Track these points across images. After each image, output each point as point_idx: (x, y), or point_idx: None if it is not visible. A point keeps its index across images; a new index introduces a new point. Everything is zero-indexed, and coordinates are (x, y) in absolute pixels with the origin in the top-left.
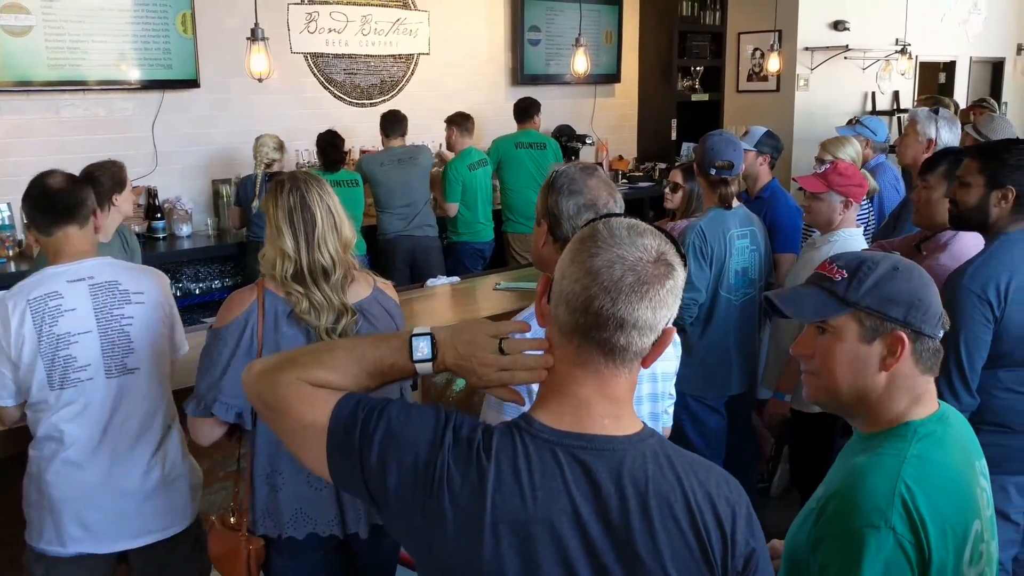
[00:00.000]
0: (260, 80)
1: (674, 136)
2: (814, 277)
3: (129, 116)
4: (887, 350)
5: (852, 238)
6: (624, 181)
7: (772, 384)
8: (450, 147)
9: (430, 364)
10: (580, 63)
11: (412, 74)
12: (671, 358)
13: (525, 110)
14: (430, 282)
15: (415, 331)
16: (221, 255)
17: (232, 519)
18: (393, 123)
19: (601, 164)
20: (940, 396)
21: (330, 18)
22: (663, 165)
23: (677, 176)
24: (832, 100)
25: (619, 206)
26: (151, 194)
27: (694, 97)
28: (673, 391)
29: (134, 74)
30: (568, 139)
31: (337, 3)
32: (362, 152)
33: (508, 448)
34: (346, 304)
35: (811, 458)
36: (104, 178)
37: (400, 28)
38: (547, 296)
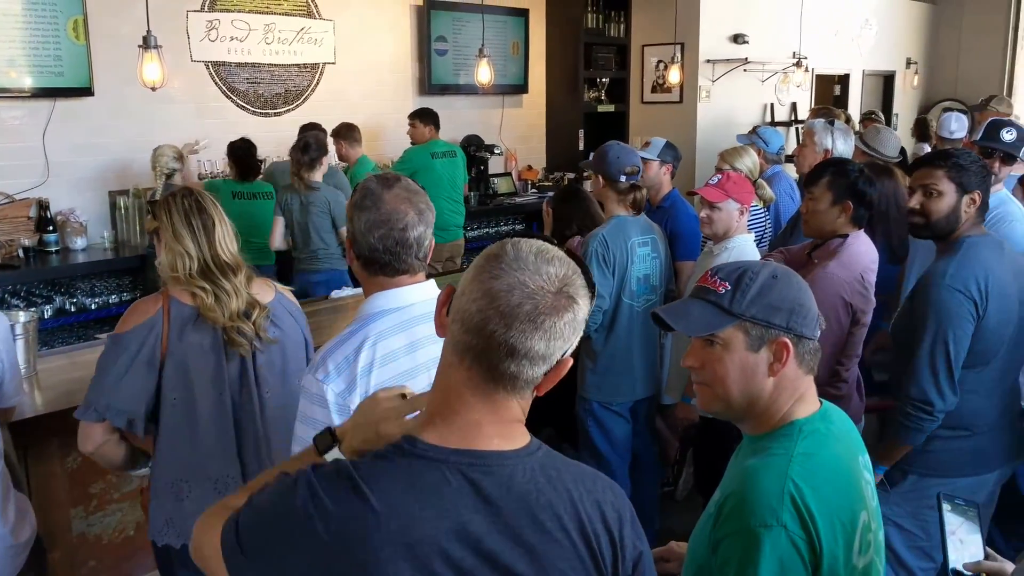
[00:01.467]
0: (154, 89)
1: (582, 146)
2: (698, 290)
3: (18, 125)
4: (773, 356)
5: (747, 244)
6: (534, 191)
7: (676, 389)
8: (343, 159)
9: (337, 450)
10: (484, 73)
11: (317, 84)
12: None
13: (435, 118)
14: (335, 293)
15: (316, 434)
16: (118, 269)
17: None
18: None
19: (511, 174)
20: (925, 396)
21: (232, 26)
22: (572, 175)
23: (548, 206)
24: (733, 111)
25: (425, 216)
26: (42, 206)
27: (600, 108)
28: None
29: (23, 81)
30: (476, 149)
31: (239, 11)
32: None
33: (391, 471)
34: (255, 299)
35: (715, 461)
36: None
37: (305, 37)
38: (447, 308)
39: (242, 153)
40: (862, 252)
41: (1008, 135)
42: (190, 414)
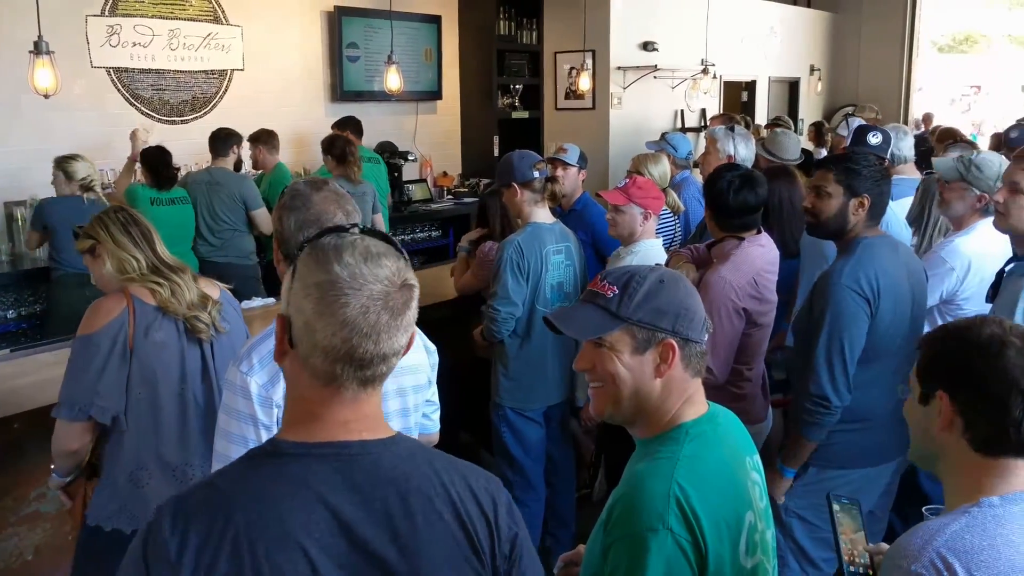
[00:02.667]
0: (47, 96)
1: (496, 152)
2: (587, 294)
3: None
4: (660, 358)
5: (653, 249)
6: (450, 197)
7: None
8: (258, 166)
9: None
10: (393, 80)
11: (226, 90)
12: (422, 370)
13: (357, 126)
14: (244, 304)
15: None
16: (15, 283)
17: None
18: (215, 142)
19: (426, 180)
20: (823, 391)
21: (134, 31)
22: (487, 180)
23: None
24: (645, 117)
25: (352, 217)
26: None
27: (514, 114)
28: (434, 398)
29: None
30: (391, 155)
31: (142, 16)
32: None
33: (254, 475)
34: (207, 294)
35: (625, 463)
36: None
37: (212, 43)
38: (288, 336)
39: (155, 160)
40: (756, 255)
41: (874, 139)
42: (154, 408)
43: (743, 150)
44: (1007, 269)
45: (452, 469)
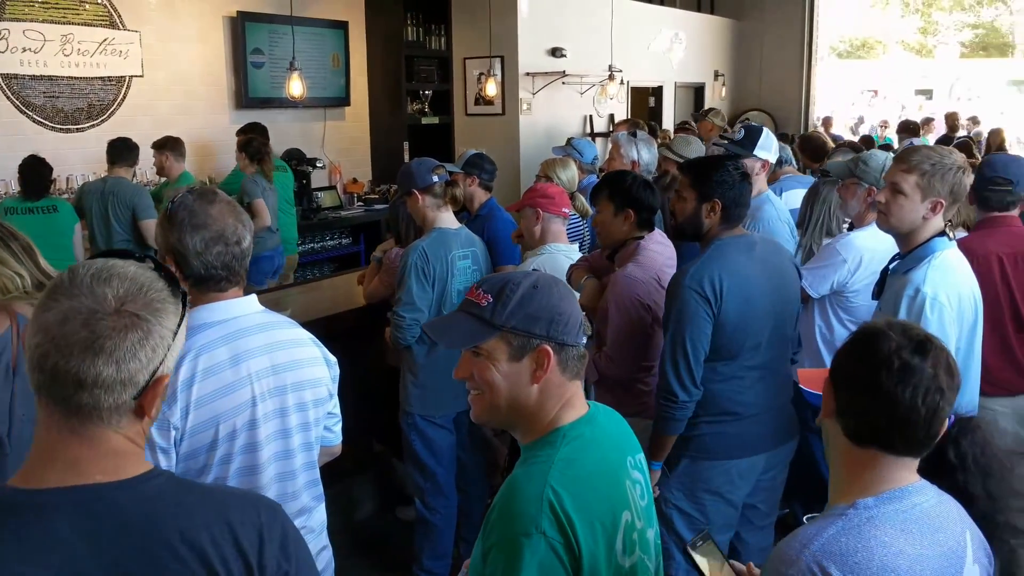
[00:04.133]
0: None
1: (407, 158)
2: (464, 303)
3: None
4: (536, 364)
5: (558, 253)
6: (360, 204)
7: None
8: (163, 173)
9: None
10: (295, 87)
11: (124, 98)
12: (322, 383)
13: (264, 133)
14: None
15: None
16: None
17: None
18: (112, 151)
19: (335, 187)
20: (670, 387)
21: (24, 36)
22: (397, 187)
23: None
24: (554, 122)
25: (249, 230)
26: None
27: (424, 120)
28: (336, 410)
29: None
30: (298, 163)
31: (32, 20)
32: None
33: None
34: None
35: None
36: None
37: (108, 49)
38: None
39: (29, 170)
40: (657, 252)
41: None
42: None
43: (646, 154)
44: (891, 267)
45: (209, 507)
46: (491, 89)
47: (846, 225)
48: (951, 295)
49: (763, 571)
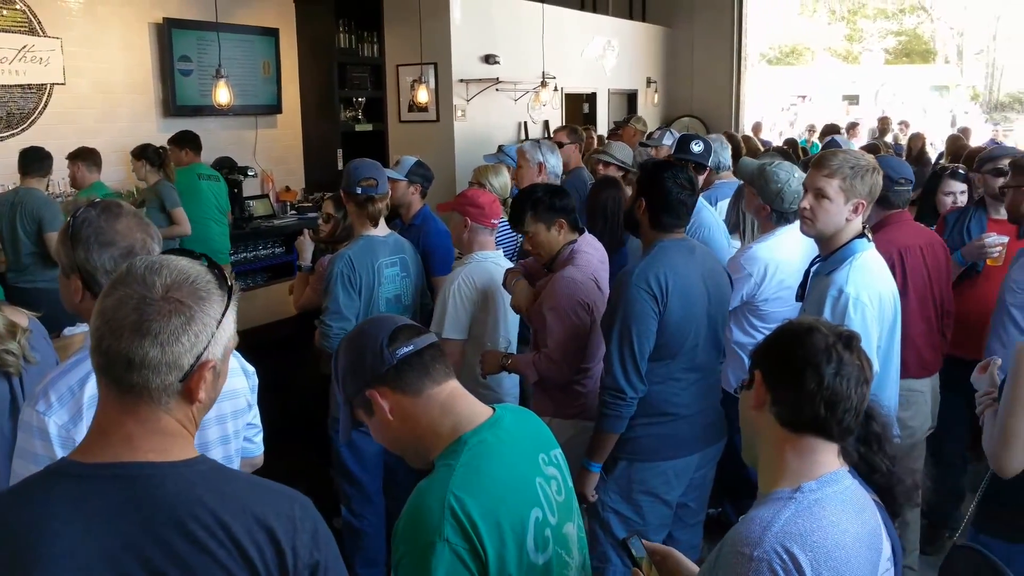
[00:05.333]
0: None
1: (340, 166)
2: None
3: None
4: (380, 408)
5: (486, 260)
6: (293, 212)
7: None
8: (76, 184)
9: None
10: (222, 95)
11: (45, 106)
12: (241, 395)
13: (193, 142)
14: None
15: None
16: None
17: None
18: (23, 161)
19: (268, 196)
20: (617, 384)
21: None
22: (331, 194)
23: (329, 207)
24: (489, 129)
25: (157, 241)
26: None
27: (358, 127)
28: (256, 421)
29: None
30: (229, 171)
31: None
32: None
33: (37, 493)
34: (15, 322)
35: None
36: None
37: (28, 56)
38: None
39: None
40: (591, 253)
41: (696, 147)
42: None
43: (552, 159)
44: (813, 269)
45: (249, 495)
46: (422, 96)
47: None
48: (872, 295)
49: (720, 555)
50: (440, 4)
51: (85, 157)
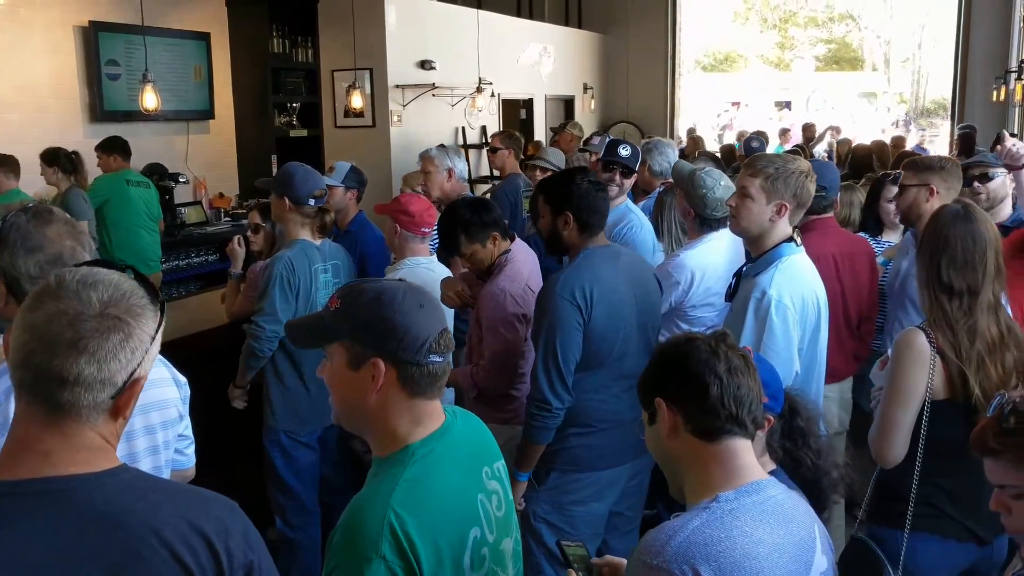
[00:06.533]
0: None
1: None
2: (325, 306)
3: None
4: (371, 376)
5: (418, 266)
6: (227, 219)
7: None
8: None
9: None
10: (149, 100)
11: None
12: (171, 404)
13: (122, 148)
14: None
15: None
16: None
17: None
18: None
19: (201, 202)
20: (543, 396)
21: None
22: (266, 200)
23: (256, 217)
24: (426, 134)
25: (88, 250)
26: None
27: (293, 133)
28: (187, 432)
29: None
30: (160, 178)
31: None
32: None
33: None
34: None
35: None
36: None
37: None
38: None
39: None
40: (522, 262)
41: (624, 151)
42: None
43: (459, 163)
44: (743, 270)
45: (177, 500)
46: (356, 102)
47: None
48: (795, 297)
49: (628, 563)
50: (375, 10)
51: (2, 164)
